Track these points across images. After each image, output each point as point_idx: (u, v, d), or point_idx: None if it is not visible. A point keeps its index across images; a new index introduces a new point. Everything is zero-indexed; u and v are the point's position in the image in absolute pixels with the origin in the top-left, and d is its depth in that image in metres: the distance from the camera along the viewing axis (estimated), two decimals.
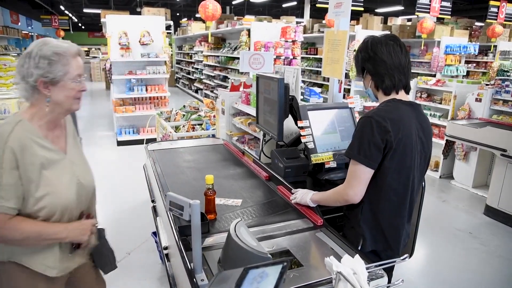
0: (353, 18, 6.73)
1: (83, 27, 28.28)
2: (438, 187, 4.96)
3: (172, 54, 12.59)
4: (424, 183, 1.73)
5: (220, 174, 2.28)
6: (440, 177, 5.23)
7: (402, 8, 11.68)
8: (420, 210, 1.94)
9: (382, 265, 1.22)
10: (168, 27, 11.88)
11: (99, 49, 23.08)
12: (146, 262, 3.01)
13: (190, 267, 1.24)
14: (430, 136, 1.59)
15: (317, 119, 2.15)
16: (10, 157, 1.17)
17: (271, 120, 2.48)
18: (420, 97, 5.59)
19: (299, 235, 1.55)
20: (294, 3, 14.64)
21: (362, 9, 7.42)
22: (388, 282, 1.26)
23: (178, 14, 20.34)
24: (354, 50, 6.31)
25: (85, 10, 16.51)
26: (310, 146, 2.08)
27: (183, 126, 4.68)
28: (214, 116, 4.61)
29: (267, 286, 0.87)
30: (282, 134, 2.39)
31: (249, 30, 7.20)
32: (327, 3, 3.01)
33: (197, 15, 13.79)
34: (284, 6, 15.97)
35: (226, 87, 6.53)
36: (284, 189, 2.00)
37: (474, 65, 9.92)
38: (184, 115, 5.07)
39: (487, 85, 4.97)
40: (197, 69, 12.11)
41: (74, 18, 21.56)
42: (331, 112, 2.23)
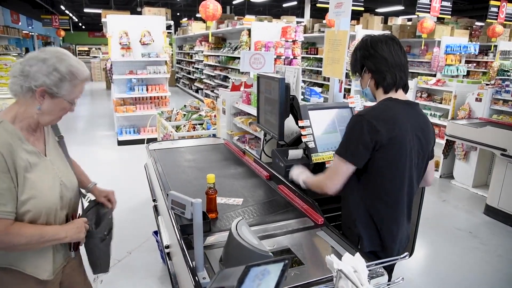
0: (353, 18, 6.74)
1: (84, 27, 28.30)
2: (438, 187, 4.97)
3: (172, 54, 12.62)
4: None
5: (221, 174, 2.29)
6: (440, 176, 5.23)
7: (403, 8, 11.68)
8: (420, 209, 1.95)
9: (382, 263, 1.23)
10: (168, 27, 11.88)
11: (99, 48, 23.13)
12: (147, 261, 3.02)
13: (192, 265, 1.25)
14: (430, 135, 1.56)
15: (317, 119, 2.16)
16: (0, 161, 1.15)
17: (272, 119, 2.49)
18: (420, 97, 5.59)
19: (300, 234, 1.56)
20: (295, 3, 14.63)
21: (362, 9, 7.42)
22: (388, 281, 1.27)
23: (178, 14, 20.34)
24: None
25: (85, 10, 16.51)
26: (311, 145, 2.09)
27: (184, 126, 4.69)
28: (215, 115, 4.62)
29: (269, 283, 0.87)
30: (283, 133, 2.40)
31: (249, 30, 7.20)
32: (328, 3, 3.02)
33: (197, 15, 13.79)
34: (284, 6, 15.96)
35: (226, 87, 6.53)
36: (285, 188, 2.00)
37: (474, 65, 9.92)
38: (185, 115, 5.07)
39: (487, 85, 4.98)
40: (197, 69, 12.11)
41: (74, 18, 21.57)
42: (332, 111, 2.23)
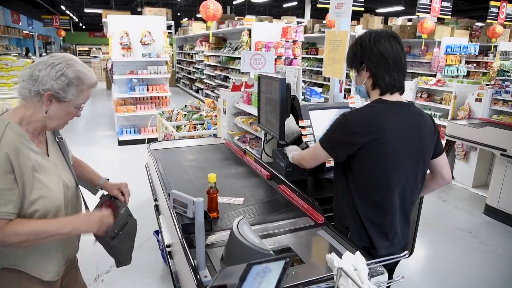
0: (353, 18, 6.75)
1: (84, 27, 28.31)
2: None
3: (173, 54, 12.60)
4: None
5: (222, 173, 2.29)
6: None
7: (403, 8, 11.70)
8: (420, 209, 1.96)
9: (382, 261, 1.24)
10: (169, 27, 11.86)
11: (100, 48, 23.15)
12: (148, 260, 3.03)
13: (193, 264, 1.26)
14: (429, 135, 1.50)
15: (318, 119, 2.17)
16: (3, 161, 1.16)
17: (273, 119, 2.50)
18: (420, 97, 5.61)
19: (301, 233, 1.57)
20: (295, 3, 14.64)
21: (362, 9, 7.43)
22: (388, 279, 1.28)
23: (179, 14, 20.36)
24: None
25: (86, 10, 16.52)
26: (311, 145, 2.10)
27: (185, 126, 4.69)
28: (216, 115, 4.63)
29: (270, 281, 0.88)
30: (284, 133, 2.40)
31: (250, 30, 7.21)
32: (328, 3, 3.03)
33: (198, 15, 13.82)
34: (284, 6, 15.97)
35: (227, 87, 6.54)
36: (285, 188, 2.01)
37: (475, 65, 9.93)
38: (185, 115, 5.08)
39: (487, 85, 4.99)
40: (198, 69, 12.12)
41: (75, 18, 21.58)
42: (332, 111, 2.24)
